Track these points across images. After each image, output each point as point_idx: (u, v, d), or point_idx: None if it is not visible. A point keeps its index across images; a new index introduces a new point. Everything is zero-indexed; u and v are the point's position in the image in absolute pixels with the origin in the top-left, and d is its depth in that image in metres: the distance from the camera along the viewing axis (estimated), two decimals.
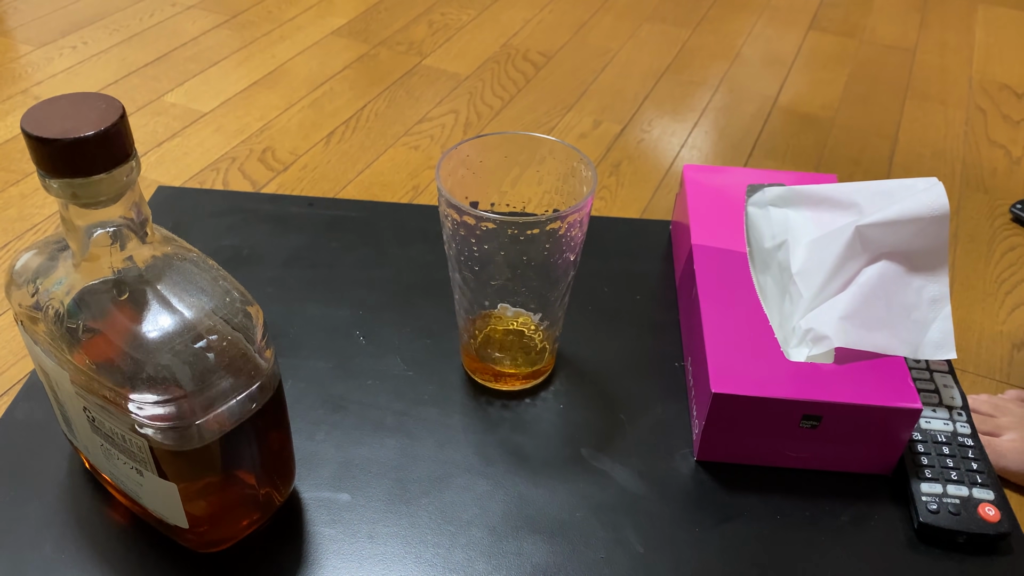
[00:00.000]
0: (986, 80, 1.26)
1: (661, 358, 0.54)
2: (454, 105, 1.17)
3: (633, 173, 1.03)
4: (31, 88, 1.18)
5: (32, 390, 0.50)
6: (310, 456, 0.47)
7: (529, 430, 0.49)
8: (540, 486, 0.46)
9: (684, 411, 0.51)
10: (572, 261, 0.46)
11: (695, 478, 0.47)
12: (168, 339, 0.35)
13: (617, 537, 0.44)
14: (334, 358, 0.53)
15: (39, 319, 0.37)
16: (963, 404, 0.50)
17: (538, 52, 1.31)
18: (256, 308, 0.38)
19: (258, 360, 0.38)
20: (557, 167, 0.48)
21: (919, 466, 0.47)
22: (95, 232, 0.35)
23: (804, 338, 0.48)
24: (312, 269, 0.60)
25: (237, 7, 1.43)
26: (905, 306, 0.48)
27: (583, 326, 0.56)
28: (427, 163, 1.05)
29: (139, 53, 1.28)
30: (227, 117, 1.13)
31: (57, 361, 0.38)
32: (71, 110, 0.33)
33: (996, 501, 0.45)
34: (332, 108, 1.16)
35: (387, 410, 0.50)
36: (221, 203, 0.66)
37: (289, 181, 1.01)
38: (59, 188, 0.33)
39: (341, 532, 0.44)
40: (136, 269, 0.36)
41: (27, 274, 0.38)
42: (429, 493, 0.46)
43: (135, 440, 0.37)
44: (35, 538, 0.42)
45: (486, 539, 0.44)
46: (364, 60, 1.28)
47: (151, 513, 0.41)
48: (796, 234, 0.54)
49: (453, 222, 0.44)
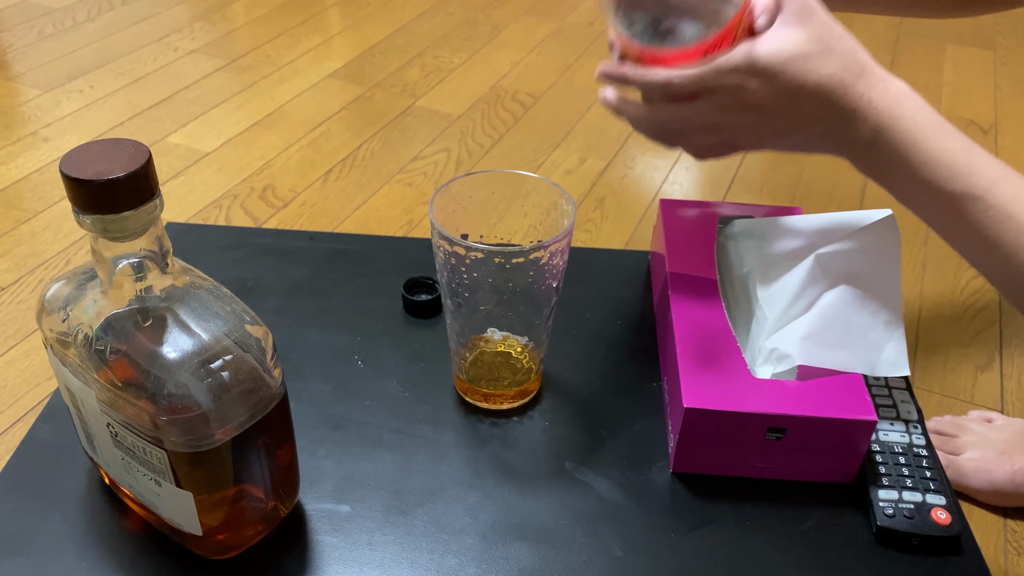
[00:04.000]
0: (954, 116, 1.32)
1: (639, 378, 0.58)
2: (446, 144, 1.22)
3: (617, 207, 1.08)
4: (40, 130, 1.23)
5: (52, 413, 0.53)
6: (313, 471, 0.51)
7: (517, 446, 0.53)
8: (527, 497, 0.50)
9: (661, 427, 0.54)
10: (555, 288, 0.50)
11: (671, 488, 0.51)
12: (187, 359, 0.39)
13: (598, 543, 0.47)
14: (334, 381, 0.57)
15: (69, 343, 0.41)
16: (919, 418, 0.54)
17: (526, 93, 1.37)
18: (265, 331, 0.42)
19: (267, 379, 0.42)
20: (541, 202, 0.52)
21: (877, 474, 0.50)
22: (121, 263, 0.39)
23: (769, 357, 0.52)
24: (313, 298, 0.63)
25: (237, 51, 1.48)
26: (862, 328, 0.52)
27: (567, 349, 0.60)
28: (420, 199, 1.09)
29: (143, 96, 1.33)
30: (229, 157, 1.18)
31: (84, 381, 0.41)
32: (103, 154, 0.37)
33: (948, 506, 0.49)
34: (329, 147, 1.21)
35: (384, 428, 0.54)
36: (226, 238, 0.70)
37: (289, 217, 1.05)
38: (91, 223, 0.37)
39: (342, 540, 0.47)
40: (157, 296, 0.40)
41: (58, 302, 0.42)
42: (424, 504, 0.49)
43: (155, 452, 0.41)
44: (58, 547, 0.46)
45: (477, 545, 0.47)
46: (360, 102, 1.33)
47: (166, 522, 0.45)
48: (762, 262, 0.58)
49: (445, 252, 0.48)
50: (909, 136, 0.44)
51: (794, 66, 0.45)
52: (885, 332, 0.52)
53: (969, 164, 0.43)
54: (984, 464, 0.69)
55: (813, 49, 0.44)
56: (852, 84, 0.45)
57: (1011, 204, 0.42)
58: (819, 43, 0.45)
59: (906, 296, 0.94)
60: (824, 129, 0.47)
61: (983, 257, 0.44)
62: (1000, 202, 0.42)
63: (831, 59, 0.45)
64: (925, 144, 0.44)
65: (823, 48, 0.44)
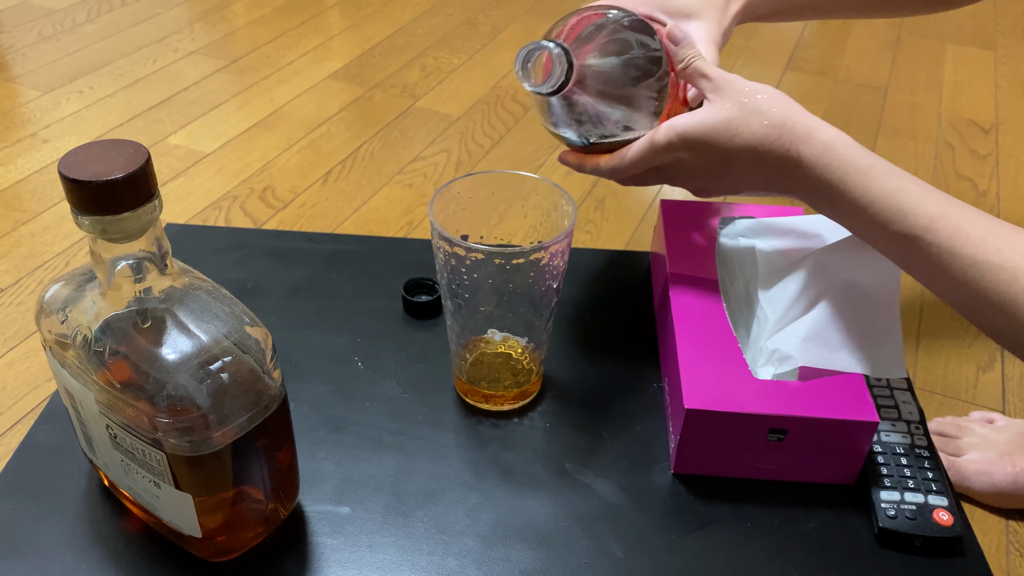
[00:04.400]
0: (954, 117, 1.32)
1: (640, 379, 0.58)
2: (446, 145, 1.22)
3: (617, 208, 1.08)
4: (39, 132, 1.23)
5: (51, 415, 0.53)
6: (313, 473, 0.50)
7: (517, 447, 0.53)
8: (527, 498, 0.50)
9: (661, 428, 0.54)
10: (555, 288, 0.50)
11: (671, 489, 0.51)
12: (186, 361, 0.39)
13: (599, 544, 0.47)
14: (334, 382, 0.57)
15: (68, 344, 0.41)
16: (920, 419, 0.54)
17: (526, 94, 1.37)
18: (265, 332, 0.42)
19: (267, 380, 0.42)
20: (541, 203, 0.52)
21: (879, 475, 0.50)
22: (120, 264, 0.39)
23: (770, 358, 0.52)
24: (313, 300, 0.63)
25: (236, 52, 1.48)
26: (861, 331, 0.51)
27: (568, 350, 0.60)
28: (420, 200, 1.09)
29: (143, 97, 1.33)
30: (228, 158, 1.18)
31: (83, 383, 0.41)
32: (102, 155, 0.37)
33: (950, 507, 0.48)
34: (329, 148, 1.21)
35: (384, 430, 0.53)
36: (226, 239, 0.70)
37: (289, 218, 1.05)
38: (90, 224, 0.37)
39: (342, 542, 0.47)
40: (156, 298, 0.40)
41: (56, 303, 0.42)
42: (424, 506, 0.49)
43: (154, 454, 0.40)
44: (58, 549, 0.46)
45: (477, 547, 0.47)
46: (360, 102, 1.33)
47: (166, 524, 0.45)
48: (763, 263, 0.58)
49: (445, 253, 0.48)
50: (840, 185, 0.46)
51: (717, 135, 0.48)
52: (884, 335, 0.52)
53: (902, 207, 0.44)
54: (986, 466, 0.69)
55: (733, 115, 0.48)
56: (777, 139, 0.47)
57: (950, 242, 0.43)
58: (738, 109, 0.48)
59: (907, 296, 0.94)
60: (767, 183, 0.49)
61: (936, 287, 0.45)
62: (939, 240, 0.43)
63: (751, 121, 0.47)
64: (857, 191, 0.45)
65: (742, 113, 0.48)
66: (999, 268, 0.41)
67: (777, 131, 0.47)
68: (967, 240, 0.42)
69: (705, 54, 0.53)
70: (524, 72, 0.49)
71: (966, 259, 0.42)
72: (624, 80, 0.50)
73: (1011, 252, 0.41)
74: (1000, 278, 0.41)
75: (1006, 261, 0.41)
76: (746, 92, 0.48)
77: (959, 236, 0.43)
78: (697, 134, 0.48)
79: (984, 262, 0.42)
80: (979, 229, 0.43)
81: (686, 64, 0.50)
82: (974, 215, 0.44)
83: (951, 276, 0.43)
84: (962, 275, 0.43)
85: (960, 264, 0.42)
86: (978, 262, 0.42)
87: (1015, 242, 0.42)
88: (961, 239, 0.42)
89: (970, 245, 0.42)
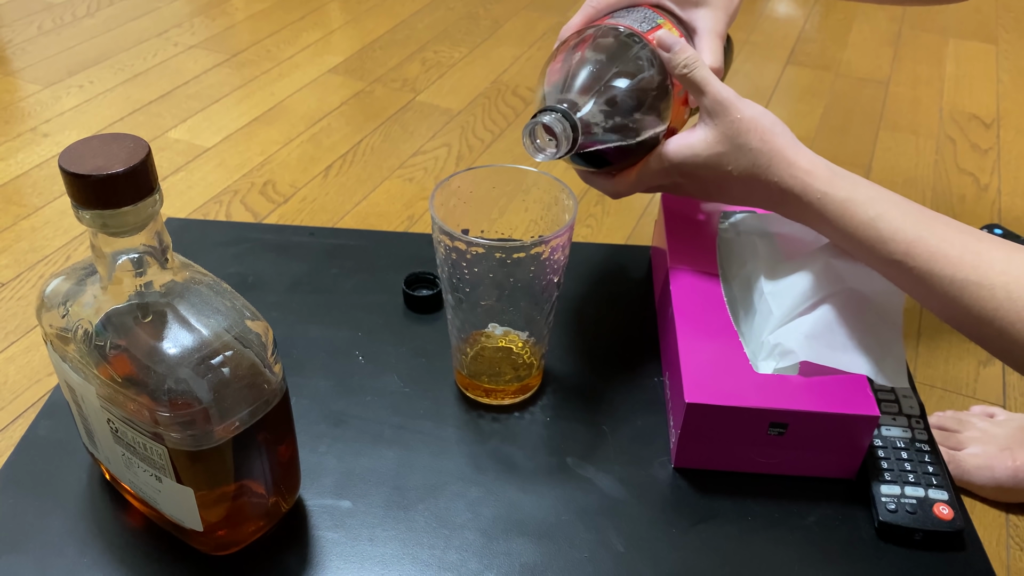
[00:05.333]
0: (956, 111, 1.32)
1: (641, 373, 0.58)
2: (447, 139, 1.22)
3: (618, 203, 1.08)
4: (40, 126, 1.23)
5: (52, 409, 0.53)
6: (314, 467, 0.51)
7: (518, 441, 0.53)
8: (528, 492, 0.50)
9: (662, 422, 0.54)
10: (556, 283, 0.50)
11: (672, 483, 0.51)
12: (187, 355, 0.39)
13: (600, 538, 0.47)
14: (335, 376, 0.57)
15: (69, 339, 0.41)
16: (921, 413, 0.54)
17: (527, 88, 1.36)
18: (266, 326, 0.42)
19: (268, 374, 0.42)
20: (542, 196, 0.52)
21: (879, 470, 0.50)
22: (120, 258, 0.39)
23: (772, 352, 0.52)
24: (314, 294, 0.63)
25: (236, 46, 1.48)
26: (864, 337, 0.51)
27: (568, 344, 0.60)
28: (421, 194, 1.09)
29: (143, 91, 1.33)
30: (229, 152, 1.18)
31: (84, 377, 0.41)
32: (103, 149, 0.37)
33: (950, 501, 0.49)
34: (330, 143, 1.20)
35: (385, 424, 0.53)
36: (226, 233, 0.70)
37: (289, 212, 1.05)
38: (90, 218, 0.37)
39: (343, 536, 0.47)
40: (157, 292, 0.40)
41: (57, 297, 0.42)
42: (425, 499, 0.49)
43: (155, 448, 0.40)
44: (59, 544, 0.46)
45: (478, 541, 0.47)
46: (360, 97, 1.33)
47: (167, 518, 0.45)
48: (766, 257, 0.58)
49: (445, 248, 0.48)
50: (822, 217, 0.49)
51: (709, 168, 0.51)
52: (886, 345, 0.51)
53: (881, 236, 0.46)
54: (986, 460, 0.69)
55: (722, 151, 0.50)
56: (764, 175, 0.49)
57: (928, 264, 0.45)
58: (727, 144, 0.50)
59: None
60: (762, 204, 0.52)
61: (924, 303, 0.47)
62: (918, 263, 0.45)
63: (739, 159, 0.50)
64: (839, 223, 0.48)
65: (730, 149, 0.50)
66: (977, 285, 0.43)
67: (763, 170, 0.49)
68: (945, 262, 0.44)
69: (708, 48, 0.53)
70: (534, 146, 0.49)
71: (945, 279, 0.44)
72: (626, 113, 0.51)
73: (987, 269, 0.43)
74: (979, 295, 0.43)
75: (983, 278, 0.43)
76: (736, 125, 0.49)
77: (936, 259, 0.44)
78: (690, 165, 0.51)
79: (963, 281, 0.44)
80: (955, 249, 0.44)
81: (683, 72, 0.51)
82: (951, 234, 0.45)
83: (935, 295, 0.45)
84: (943, 294, 0.45)
85: (940, 284, 0.44)
86: (957, 281, 0.44)
87: (990, 259, 0.44)
88: (939, 261, 0.44)
89: (949, 266, 0.44)
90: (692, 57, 0.50)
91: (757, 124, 0.49)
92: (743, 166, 0.50)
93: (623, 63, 0.51)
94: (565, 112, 0.47)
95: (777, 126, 0.50)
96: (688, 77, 0.50)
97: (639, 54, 0.51)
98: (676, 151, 0.51)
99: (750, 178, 0.50)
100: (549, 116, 0.47)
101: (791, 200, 0.49)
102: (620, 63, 0.51)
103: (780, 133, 0.49)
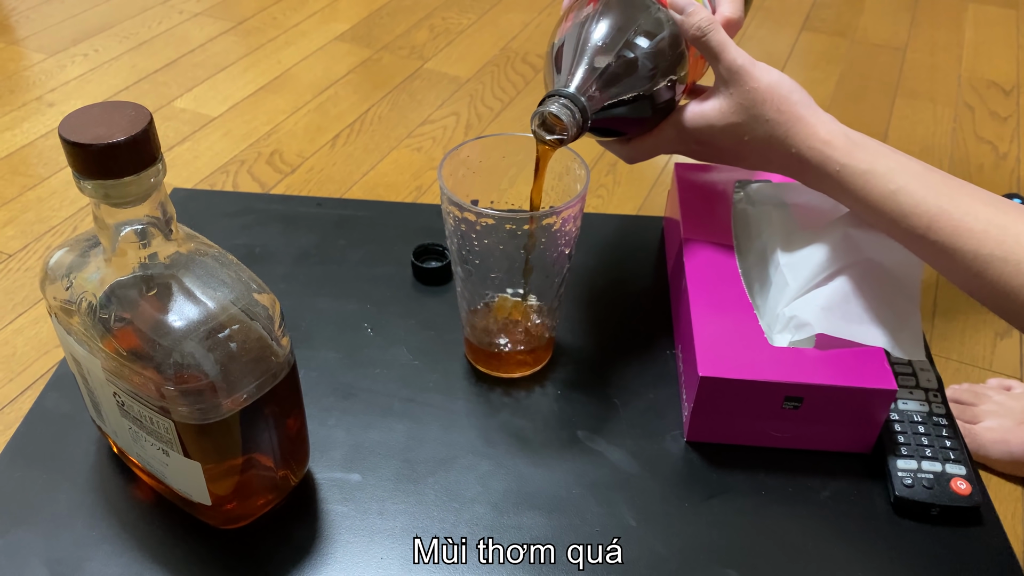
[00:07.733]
0: (975, 77, 1.29)
1: (653, 346, 0.57)
2: (455, 108, 1.20)
3: (629, 172, 1.06)
4: (45, 95, 1.22)
5: (59, 382, 0.53)
6: (323, 440, 0.50)
7: (528, 414, 0.52)
8: (539, 466, 0.49)
9: (675, 395, 0.54)
10: (567, 254, 0.49)
11: (685, 457, 0.50)
12: (193, 328, 0.38)
13: (611, 512, 0.47)
14: (344, 349, 0.56)
15: (73, 311, 0.40)
16: (939, 387, 0.53)
17: (536, 55, 1.34)
18: (272, 298, 0.41)
19: (275, 347, 0.41)
20: (552, 166, 0.51)
21: (896, 444, 0.49)
22: (124, 229, 0.38)
23: (787, 325, 0.51)
24: (321, 266, 0.63)
25: (243, 14, 1.46)
26: (881, 309, 0.50)
27: (579, 316, 0.59)
28: (430, 164, 1.08)
29: (148, 60, 1.31)
30: (235, 121, 1.17)
31: (89, 350, 0.41)
32: (104, 117, 0.36)
33: (967, 476, 0.48)
34: (337, 112, 1.19)
35: (394, 397, 0.53)
36: (233, 204, 0.69)
37: (296, 183, 1.04)
38: (92, 189, 0.36)
39: (353, 509, 0.47)
40: (162, 264, 0.39)
41: (61, 269, 0.41)
42: (435, 473, 0.49)
43: (162, 422, 0.40)
44: (67, 517, 0.46)
45: (488, 514, 0.47)
46: (367, 65, 1.31)
47: (175, 492, 0.44)
48: (782, 226, 0.56)
49: (455, 219, 0.47)
50: (841, 189, 0.48)
51: (725, 136, 0.50)
52: (903, 316, 0.50)
53: (902, 209, 0.45)
54: (1003, 434, 0.68)
55: (738, 120, 0.49)
56: (782, 142, 0.48)
57: (951, 239, 0.44)
58: (744, 112, 0.48)
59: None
60: (780, 171, 0.51)
61: (947, 276, 0.46)
62: (941, 238, 0.44)
63: (756, 129, 0.49)
64: (859, 195, 0.47)
65: (749, 116, 0.48)
66: (1002, 261, 0.42)
67: (780, 140, 0.48)
68: (969, 236, 0.43)
69: (729, 4, 0.51)
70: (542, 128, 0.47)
71: (968, 254, 0.43)
72: (640, 83, 0.49)
73: (1013, 244, 0.42)
74: (1004, 270, 0.42)
75: (1008, 254, 0.42)
76: (751, 95, 0.48)
77: (960, 233, 0.43)
78: (705, 134, 0.50)
79: (987, 256, 0.42)
80: (979, 223, 0.43)
81: (696, 35, 0.49)
82: (976, 206, 0.44)
83: (957, 269, 0.44)
84: (967, 269, 0.43)
85: (964, 259, 0.43)
86: (981, 256, 0.43)
87: (1016, 233, 0.42)
88: (963, 235, 0.43)
89: (972, 240, 0.43)
90: (706, 19, 0.49)
91: (774, 93, 0.48)
92: (760, 136, 0.49)
93: (635, 28, 0.49)
94: (573, 97, 0.46)
95: (795, 93, 0.48)
96: (703, 41, 0.49)
97: (652, 17, 0.49)
98: (691, 120, 0.50)
99: (767, 148, 0.49)
100: (556, 104, 0.46)
101: (809, 171, 0.48)
102: (632, 28, 0.49)
103: (798, 101, 0.48)
